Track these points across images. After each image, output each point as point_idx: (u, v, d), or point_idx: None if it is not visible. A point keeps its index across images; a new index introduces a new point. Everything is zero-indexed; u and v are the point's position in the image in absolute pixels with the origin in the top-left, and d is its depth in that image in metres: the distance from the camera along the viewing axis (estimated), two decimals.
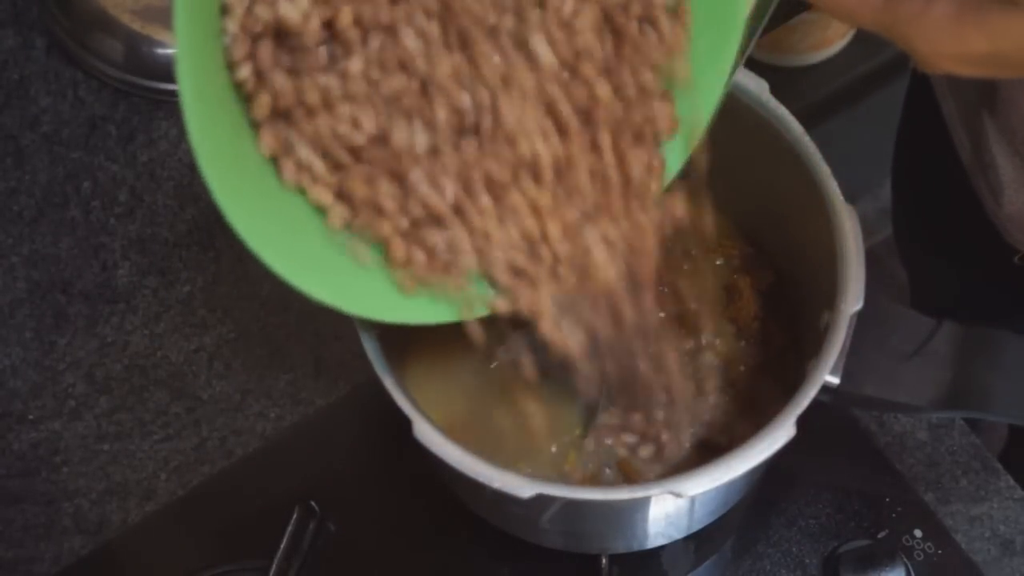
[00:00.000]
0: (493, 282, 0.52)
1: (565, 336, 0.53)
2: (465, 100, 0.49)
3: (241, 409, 0.74)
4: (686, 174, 0.56)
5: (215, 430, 0.73)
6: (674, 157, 0.55)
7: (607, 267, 0.52)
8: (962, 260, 0.85)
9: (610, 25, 0.51)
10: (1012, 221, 0.73)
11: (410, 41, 0.48)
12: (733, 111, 0.61)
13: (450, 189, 0.50)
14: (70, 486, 0.72)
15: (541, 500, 0.53)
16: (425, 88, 0.49)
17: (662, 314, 0.64)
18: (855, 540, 0.68)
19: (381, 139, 0.49)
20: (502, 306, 0.52)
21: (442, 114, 0.49)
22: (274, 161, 0.49)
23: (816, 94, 1.14)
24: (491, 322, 0.54)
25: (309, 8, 0.47)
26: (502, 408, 0.64)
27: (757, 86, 0.61)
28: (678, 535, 0.65)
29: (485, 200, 0.50)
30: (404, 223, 0.50)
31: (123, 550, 0.71)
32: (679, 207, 0.55)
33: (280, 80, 0.48)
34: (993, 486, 0.70)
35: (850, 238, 0.58)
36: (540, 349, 0.55)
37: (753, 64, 0.61)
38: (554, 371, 0.56)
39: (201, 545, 0.70)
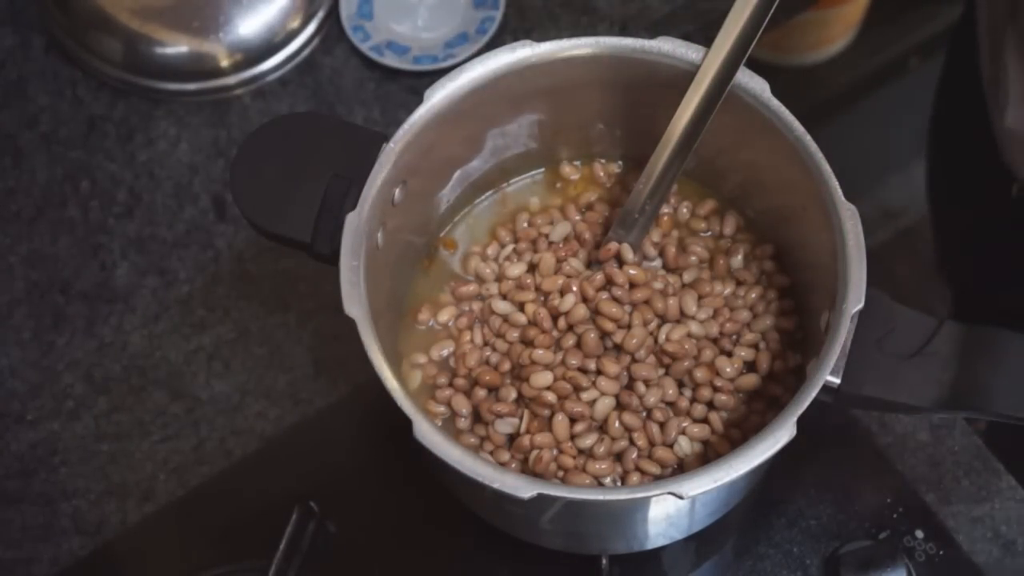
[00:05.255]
0: None
1: None
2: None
3: (240, 409, 0.74)
4: None
5: (214, 430, 0.73)
6: None
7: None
8: (975, 205, 0.83)
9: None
10: (1012, 138, 0.72)
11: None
12: (733, 111, 0.61)
13: None
14: (68, 487, 0.72)
15: (541, 500, 0.53)
16: None
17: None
18: (856, 541, 0.68)
19: None
20: None
21: None
22: None
23: (816, 94, 1.14)
24: None
25: None
26: None
27: (757, 86, 0.61)
28: (679, 535, 0.65)
29: None
30: None
31: (122, 551, 0.71)
32: None
33: None
34: (995, 487, 0.70)
35: (851, 238, 0.57)
36: None
37: (753, 64, 0.60)
38: None
39: (200, 546, 0.70)
